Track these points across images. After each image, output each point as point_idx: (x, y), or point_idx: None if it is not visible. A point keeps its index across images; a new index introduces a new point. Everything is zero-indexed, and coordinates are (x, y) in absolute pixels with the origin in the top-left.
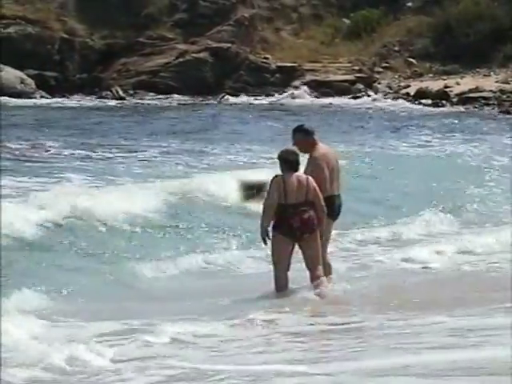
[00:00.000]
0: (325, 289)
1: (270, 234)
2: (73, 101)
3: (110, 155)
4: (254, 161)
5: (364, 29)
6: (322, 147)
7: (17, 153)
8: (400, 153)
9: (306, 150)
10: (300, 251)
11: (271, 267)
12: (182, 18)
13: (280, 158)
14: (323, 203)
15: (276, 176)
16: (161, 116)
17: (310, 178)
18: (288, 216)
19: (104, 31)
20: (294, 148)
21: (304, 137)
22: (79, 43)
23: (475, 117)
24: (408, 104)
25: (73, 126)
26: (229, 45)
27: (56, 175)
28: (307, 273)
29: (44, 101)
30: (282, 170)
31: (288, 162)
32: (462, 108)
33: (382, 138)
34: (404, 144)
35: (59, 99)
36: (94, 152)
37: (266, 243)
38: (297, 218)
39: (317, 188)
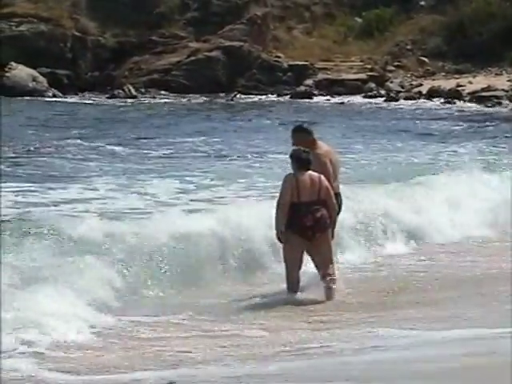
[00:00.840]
0: (333, 289)
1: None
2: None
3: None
4: None
5: (376, 27)
6: (323, 145)
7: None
8: None
9: (308, 148)
10: (311, 251)
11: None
12: (194, 17)
13: (292, 156)
14: (335, 201)
15: (288, 174)
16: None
17: (323, 176)
18: (301, 215)
19: (116, 29)
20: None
21: (305, 136)
22: (91, 41)
23: None
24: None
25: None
26: (241, 43)
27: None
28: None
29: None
30: (294, 169)
31: (300, 161)
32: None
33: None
34: None
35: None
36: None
37: (281, 241)
38: (310, 217)
39: (329, 187)
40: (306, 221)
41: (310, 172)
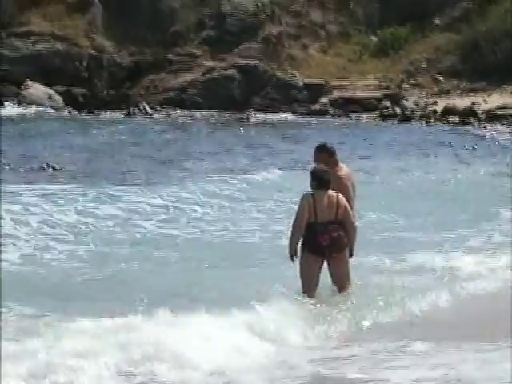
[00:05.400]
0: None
1: (299, 252)
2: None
3: None
4: None
5: (391, 46)
6: (344, 167)
7: None
8: None
9: (330, 169)
10: (328, 269)
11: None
12: (209, 35)
13: (313, 174)
14: (353, 221)
15: (306, 193)
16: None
17: (341, 195)
18: (318, 234)
19: (132, 48)
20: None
21: (328, 156)
22: (107, 60)
23: None
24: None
25: None
26: (256, 62)
27: None
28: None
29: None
30: (313, 187)
31: (321, 180)
32: None
33: None
34: None
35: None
36: None
37: (293, 261)
38: (326, 236)
39: (347, 206)
40: (323, 240)
41: (328, 192)
